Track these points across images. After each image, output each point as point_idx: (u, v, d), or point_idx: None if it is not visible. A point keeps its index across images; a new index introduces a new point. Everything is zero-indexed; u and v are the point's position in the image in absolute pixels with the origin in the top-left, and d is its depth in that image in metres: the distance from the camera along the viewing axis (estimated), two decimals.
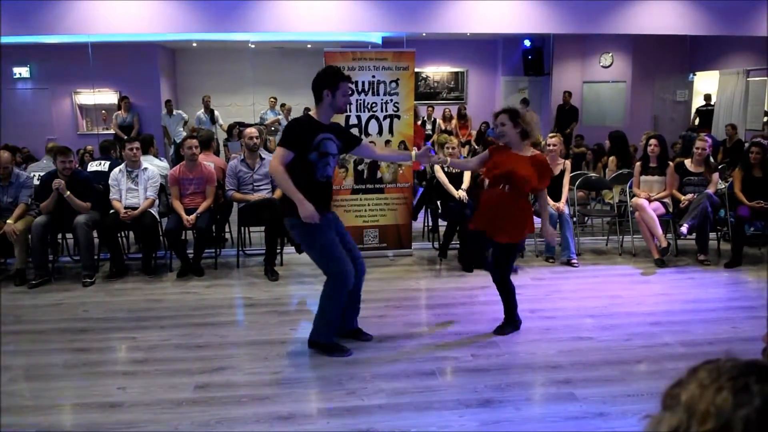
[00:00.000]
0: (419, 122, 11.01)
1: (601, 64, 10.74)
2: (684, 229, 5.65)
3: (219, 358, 3.85)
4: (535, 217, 6.18)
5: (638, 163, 6.23)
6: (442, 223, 6.17)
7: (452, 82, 12.36)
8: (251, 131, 5.93)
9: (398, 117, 6.02)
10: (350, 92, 3.80)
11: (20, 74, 9.67)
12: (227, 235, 6.60)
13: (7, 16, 7.01)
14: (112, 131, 9.27)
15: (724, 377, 0.75)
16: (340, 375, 3.60)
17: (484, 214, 4.09)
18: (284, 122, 10.91)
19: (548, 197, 5.93)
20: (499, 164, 3.98)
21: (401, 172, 6.13)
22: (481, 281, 5.40)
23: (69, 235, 6.08)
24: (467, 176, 6.01)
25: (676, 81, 10.52)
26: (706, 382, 0.75)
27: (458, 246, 5.84)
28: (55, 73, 9.67)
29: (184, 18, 7.11)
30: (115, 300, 5.03)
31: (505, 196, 3.98)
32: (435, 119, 11.35)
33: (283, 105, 11.23)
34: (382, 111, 5.98)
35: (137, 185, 5.68)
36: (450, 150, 6.08)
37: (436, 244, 6.29)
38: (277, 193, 5.88)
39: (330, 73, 3.75)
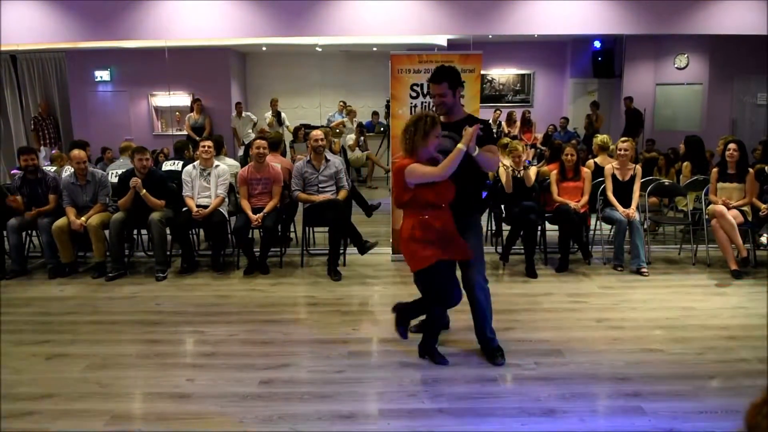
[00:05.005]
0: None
1: (676, 65, 10.34)
2: (764, 239, 5.38)
3: (283, 354, 3.94)
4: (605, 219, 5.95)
5: (715, 170, 5.96)
6: (506, 227, 6.09)
7: (518, 85, 12.18)
8: (317, 133, 6.02)
9: None
10: (429, 93, 3.67)
11: (101, 77, 10.19)
12: (292, 235, 6.74)
13: (90, 22, 7.40)
14: (185, 132, 9.64)
15: None
16: (401, 377, 3.61)
17: None
18: (349, 125, 11.05)
19: (617, 203, 5.79)
20: None
21: None
22: (545, 288, 5.29)
23: (144, 231, 6.38)
24: (531, 179, 5.91)
25: (758, 83, 9.99)
26: None
27: (522, 251, 5.74)
28: (133, 76, 10.15)
29: (254, 23, 7.31)
30: (185, 294, 5.22)
31: None
32: (500, 122, 11.21)
33: (347, 107, 11.37)
34: None
35: (209, 183, 5.87)
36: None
37: (499, 249, 6.21)
38: (341, 194, 5.95)
39: None
